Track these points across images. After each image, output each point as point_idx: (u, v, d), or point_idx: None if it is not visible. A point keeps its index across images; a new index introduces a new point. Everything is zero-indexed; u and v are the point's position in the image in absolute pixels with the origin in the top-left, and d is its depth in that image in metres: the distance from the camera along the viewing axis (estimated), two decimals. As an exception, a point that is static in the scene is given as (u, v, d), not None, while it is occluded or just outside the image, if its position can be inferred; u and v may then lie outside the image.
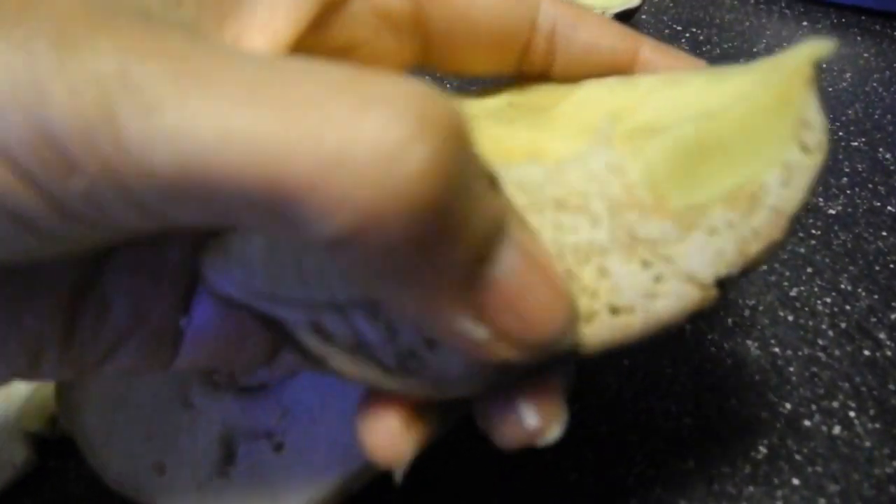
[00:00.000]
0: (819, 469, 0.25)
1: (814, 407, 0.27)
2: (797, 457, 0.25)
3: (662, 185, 0.17)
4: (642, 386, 0.28)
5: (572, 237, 0.16)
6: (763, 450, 0.25)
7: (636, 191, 0.17)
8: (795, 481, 0.25)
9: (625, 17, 0.42)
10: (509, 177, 0.17)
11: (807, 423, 0.26)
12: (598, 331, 0.16)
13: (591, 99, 0.20)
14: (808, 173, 0.17)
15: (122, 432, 0.23)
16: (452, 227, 0.12)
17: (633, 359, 0.28)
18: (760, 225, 0.17)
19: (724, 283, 0.16)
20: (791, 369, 0.28)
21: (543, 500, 0.24)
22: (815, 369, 0.28)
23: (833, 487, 0.24)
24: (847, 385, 0.27)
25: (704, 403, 0.27)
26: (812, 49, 0.18)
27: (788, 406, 0.27)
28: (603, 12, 0.41)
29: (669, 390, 0.27)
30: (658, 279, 0.16)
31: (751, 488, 0.24)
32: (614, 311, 0.16)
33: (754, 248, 0.16)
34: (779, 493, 0.24)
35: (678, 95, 0.19)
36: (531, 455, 0.25)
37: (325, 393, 0.23)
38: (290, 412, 0.23)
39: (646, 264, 0.16)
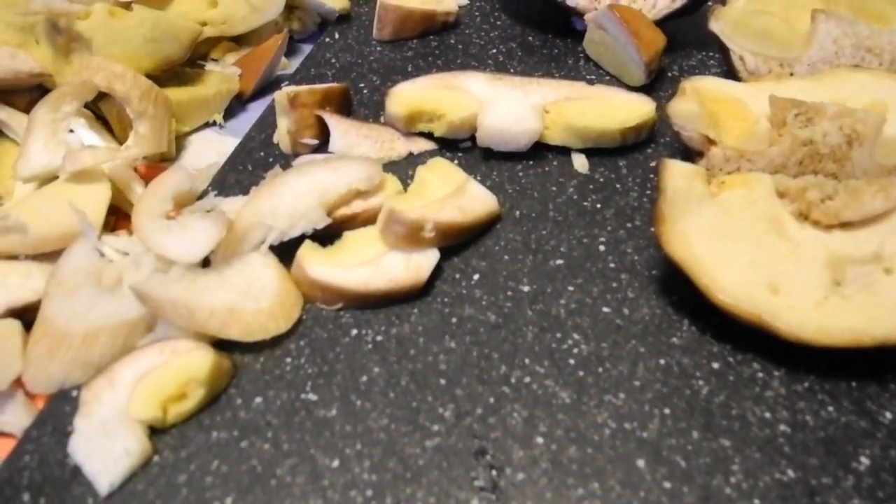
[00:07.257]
0: (926, 483, 0.24)
1: (915, 416, 0.25)
2: (902, 469, 0.24)
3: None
4: (734, 390, 0.26)
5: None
6: (865, 461, 0.24)
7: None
8: (901, 495, 0.23)
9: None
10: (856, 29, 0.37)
11: (909, 433, 0.25)
12: None
13: None
14: None
15: (730, 259, 0.27)
16: None
17: (722, 361, 0.27)
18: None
19: None
20: (890, 376, 0.27)
21: (636, 508, 0.23)
22: (913, 376, 0.27)
23: (941, 502, 0.23)
24: (949, 393, 0.26)
25: (799, 410, 0.26)
26: None
27: (889, 415, 0.25)
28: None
29: (762, 396, 0.26)
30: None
31: (855, 501, 0.23)
32: None
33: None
34: (885, 507, 0.23)
35: None
36: (623, 462, 0.24)
37: None
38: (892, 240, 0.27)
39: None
